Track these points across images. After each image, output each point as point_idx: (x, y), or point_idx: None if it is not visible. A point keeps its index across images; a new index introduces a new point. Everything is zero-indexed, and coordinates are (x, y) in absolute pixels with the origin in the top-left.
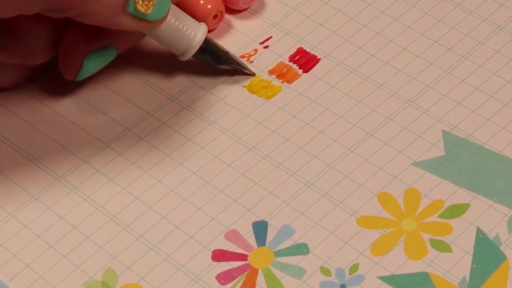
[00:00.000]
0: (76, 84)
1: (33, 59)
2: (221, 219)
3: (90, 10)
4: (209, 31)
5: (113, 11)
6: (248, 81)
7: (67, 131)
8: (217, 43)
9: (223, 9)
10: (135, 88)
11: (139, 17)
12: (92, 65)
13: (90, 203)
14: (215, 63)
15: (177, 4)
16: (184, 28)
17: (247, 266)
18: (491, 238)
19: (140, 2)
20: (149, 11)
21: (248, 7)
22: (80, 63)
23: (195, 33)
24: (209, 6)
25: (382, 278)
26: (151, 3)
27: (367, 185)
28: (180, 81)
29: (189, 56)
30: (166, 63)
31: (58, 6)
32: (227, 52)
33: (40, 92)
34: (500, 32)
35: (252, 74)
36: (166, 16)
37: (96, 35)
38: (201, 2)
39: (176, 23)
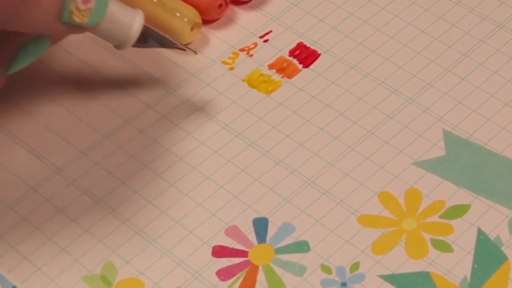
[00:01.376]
0: (76, 75)
1: None
2: (221, 215)
3: (26, 20)
4: (213, 21)
5: (48, 21)
6: (247, 75)
7: (66, 122)
8: (150, 27)
9: None
10: (134, 81)
11: (75, 25)
12: (24, 57)
13: (90, 196)
14: (159, 46)
15: None
16: (120, 17)
17: (248, 262)
18: (492, 238)
19: (76, 13)
20: (85, 20)
21: None
22: (13, 55)
23: (132, 21)
24: None
25: (383, 277)
26: (87, 12)
27: (368, 184)
28: (179, 74)
29: (129, 45)
30: (165, 55)
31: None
32: (164, 35)
33: (38, 82)
34: (501, 30)
35: (194, 53)
36: (101, 19)
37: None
38: None
39: (111, 13)
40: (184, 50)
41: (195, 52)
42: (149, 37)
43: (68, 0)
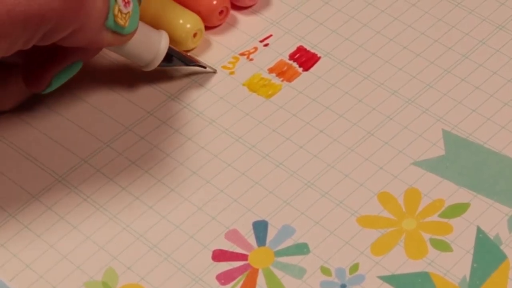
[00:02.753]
0: (76, 84)
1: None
2: (221, 219)
3: (82, 26)
4: (214, 27)
5: (97, 27)
6: (247, 79)
7: (67, 131)
8: (174, 47)
9: (228, 5)
10: (134, 88)
11: (117, 31)
12: (60, 80)
13: (90, 203)
14: (183, 65)
15: (182, 1)
16: (148, 38)
17: (247, 266)
18: (491, 237)
19: (119, 15)
20: (126, 23)
21: (254, 4)
22: (48, 83)
23: (159, 41)
24: (214, 2)
25: (382, 278)
26: (127, 15)
27: (367, 185)
28: (180, 80)
29: (156, 65)
30: None
31: (59, 23)
32: (186, 54)
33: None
34: (501, 31)
35: (214, 71)
36: (137, 28)
37: (63, 54)
38: None
39: (140, 34)
40: (205, 68)
41: (215, 71)
42: (173, 56)
43: (112, 3)
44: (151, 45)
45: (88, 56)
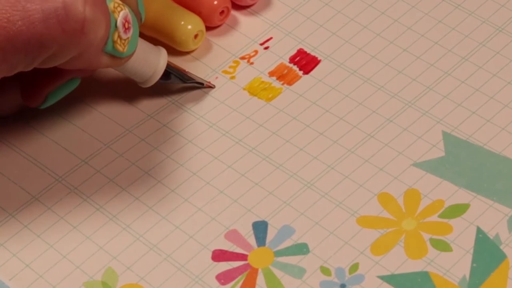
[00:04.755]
0: (77, 87)
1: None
2: (221, 219)
3: (82, 52)
4: (215, 27)
5: (96, 52)
6: (248, 83)
7: (67, 132)
8: (171, 63)
9: (229, 5)
10: (136, 90)
11: (114, 56)
12: (56, 97)
13: (90, 203)
14: (180, 82)
15: (183, 1)
16: (147, 56)
17: (247, 266)
18: (491, 237)
19: (119, 42)
20: (125, 49)
21: (254, 3)
22: (45, 98)
23: (158, 59)
24: (215, 2)
25: (382, 278)
26: (126, 41)
27: (367, 186)
28: (181, 85)
29: (154, 81)
30: None
31: (60, 50)
32: (185, 70)
33: None
34: (501, 33)
35: (212, 87)
36: (135, 50)
37: (59, 72)
38: None
39: (139, 52)
40: (202, 84)
41: (213, 86)
42: (171, 74)
43: (112, 30)
44: (150, 63)
45: (85, 74)
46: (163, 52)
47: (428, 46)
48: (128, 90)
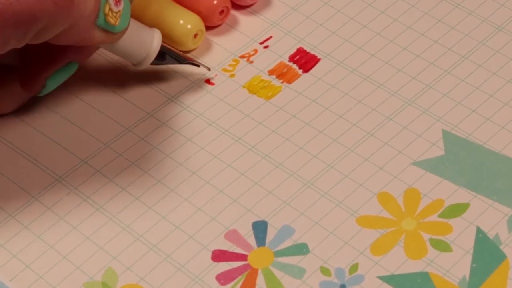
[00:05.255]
0: (76, 85)
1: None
2: (221, 219)
3: (73, 25)
4: (215, 27)
5: (88, 25)
6: (247, 81)
7: (67, 131)
8: (166, 45)
9: (229, 4)
10: (135, 89)
11: (107, 30)
12: (55, 82)
13: (90, 203)
14: (176, 63)
15: (183, 0)
16: (140, 36)
17: (247, 266)
18: (491, 237)
19: (110, 14)
20: (117, 22)
21: (254, 3)
22: (44, 83)
23: (151, 39)
24: (215, 2)
25: (382, 278)
26: (118, 14)
27: (367, 185)
28: (180, 82)
29: (148, 63)
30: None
31: (51, 23)
32: (180, 52)
33: None
34: (500, 32)
35: (208, 69)
36: (128, 26)
37: (56, 56)
38: None
39: (132, 32)
40: (198, 66)
41: (209, 69)
42: (166, 54)
43: (103, 2)
44: (143, 43)
45: (82, 57)
46: (157, 32)
47: (428, 45)
48: (127, 88)
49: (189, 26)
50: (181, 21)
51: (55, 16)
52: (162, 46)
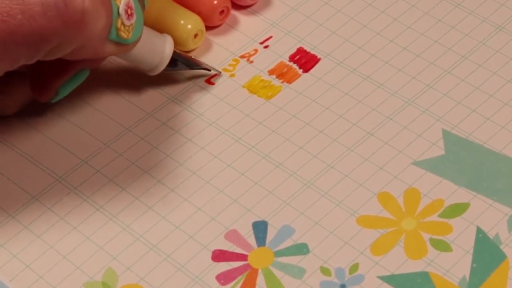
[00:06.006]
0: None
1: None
2: (221, 219)
3: (85, 42)
4: (215, 27)
5: (100, 41)
6: (248, 81)
7: (67, 131)
8: (178, 50)
9: (229, 4)
10: (135, 89)
11: (120, 43)
12: (67, 89)
13: (90, 203)
14: (188, 69)
15: (183, 1)
16: (153, 43)
17: (247, 266)
18: (491, 237)
19: (122, 28)
20: (129, 35)
21: (254, 3)
22: (55, 92)
23: (164, 46)
24: (215, 2)
25: (382, 278)
26: (130, 27)
27: (367, 185)
28: (180, 82)
29: (161, 69)
30: None
31: (62, 42)
32: (191, 57)
33: None
34: (500, 32)
35: (220, 73)
36: (140, 36)
37: (68, 64)
38: None
39: (145, 40)
40: (209, 70)
41: (220, 72)
42: (178, 61)
43: (115, 17)
44: (156, 50)
45: (94, 64)
46: (169, 39)
47: (428, 45)
48: (127, 88)
49: (189, 26)
50: (182, 21)
51: (66, 36)
52: (174, 52)
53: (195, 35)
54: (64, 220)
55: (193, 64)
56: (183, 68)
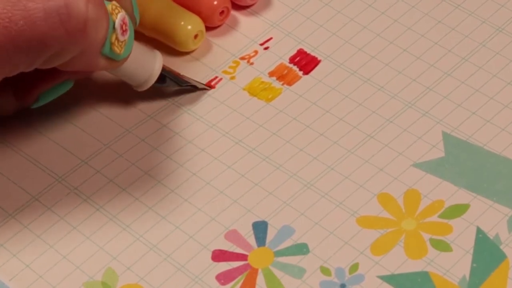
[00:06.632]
0: (77, 86)
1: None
2: (221, 219)
3: (82, 53)
4: (215, 27)
5: (94, 54)
6: (248, 83)
7: (67, 132)
8: (167, 66)
9: (229, 5)
10: (135, 92)
11: (111, 58)
12: (47, 98)
13: (90, 203)
14: (176, 86)
15: (183, 1)
16: (142, 59)
17: (247, 266)
18: (491, 237)
19: (116, 43)
20: (122, 51)
21: (254, 3)
22: (36, 97)
23: (153, 63)
24: (215, 2)
25: (382, 278)
26: (123, 43)
27: (367, 186)
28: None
29: (149, 85)
30: (164, 63)
31: (62, 50)
32: (180, 74)
33: None
34: (501, 33)
35: (208, 89)
36: (130, 53)
37: (53, 73)
38: None
39: (134, 56)
40: (198, 88)
41: (209, 88)
42: (166, 77)
43: (110, 31)
44: (145, 66)
45: (78, 76)
46: (158, 55)
47: (428, 47)
48: (128, 90)
49: (189, 27)
50: (182, 22)
51: (66, 43)
52: (163, 69)
53: (195, 36)
54: (64, 220)
55: (182, 82)
56: (171, 84)
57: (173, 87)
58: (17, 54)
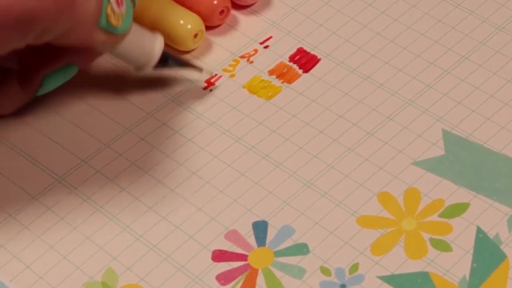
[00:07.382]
0: (76, 85)
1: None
2: (221, 219)
3: (75, 26)
4: (215, 27)
5: (90, 27)
6: (248, 81)
7: (67, 131)
8: (169, 50)
9: (229, 4)
10: (135, 89)
11: (109, 31)
12: (52, 82)
13: (90, 203)
14: (178, 67)
15: (183, 1)
16: (143, 40)
17: (247, 266)
18: (491, 237)
19: (112, 15)
20: (119, 23)
21: (254, 3)
22: (41, 81)
23: (153, 44)
24: (215, 2)
25: (382, 278)
26: (120, 15)
27: (367, 185)
28: (181, 83)
29: (151, 67)
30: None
31: (52, 23)
32: (183, 56)
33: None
34: (500, 32)
35: (210, 74)
36: (130, 29)
37: (54, 56)
38: None
39: (134, 36)
40: (200, 70)
41: (211, 73)
42: (168, 59)
43: (105, 3)
44: (146, 47)
45: (83, 60)
46: (159, 37)
47: (428, 45)
48: (128, 88)
49: (189, 26)
50: (181, 21)
51: (56, 16)
52: (164, 51)
53: (195, 35)
54: (64, 220)
55: (184, 64)
56: (173, 66)
57: (174, 69)
58: (7, 29)
